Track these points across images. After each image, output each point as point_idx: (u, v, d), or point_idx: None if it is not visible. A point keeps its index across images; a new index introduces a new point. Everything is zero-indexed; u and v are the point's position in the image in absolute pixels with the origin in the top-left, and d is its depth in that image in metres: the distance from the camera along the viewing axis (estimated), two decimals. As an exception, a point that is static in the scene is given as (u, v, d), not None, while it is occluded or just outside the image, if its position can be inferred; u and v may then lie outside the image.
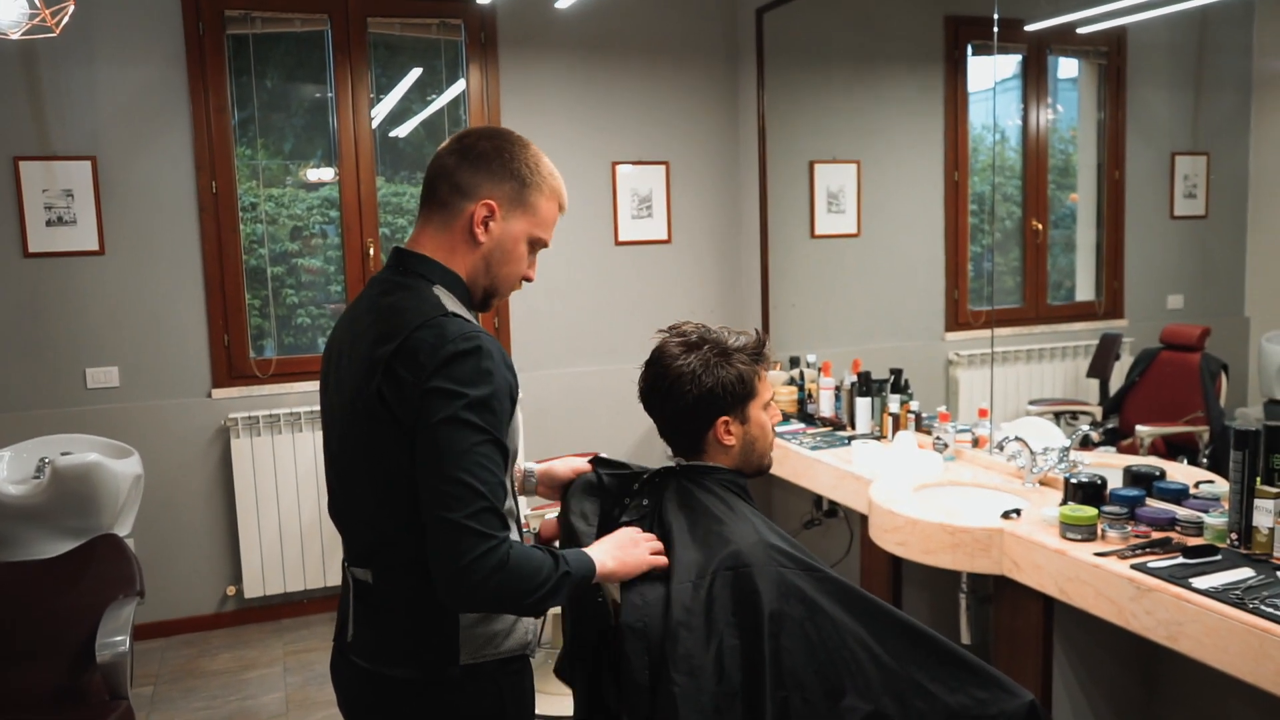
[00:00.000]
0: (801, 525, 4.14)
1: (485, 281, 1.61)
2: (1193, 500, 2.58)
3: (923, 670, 1.58)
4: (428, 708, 1.55)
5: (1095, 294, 4.03)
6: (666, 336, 1.78)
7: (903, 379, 3.86)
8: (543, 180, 1.61)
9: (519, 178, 1.58)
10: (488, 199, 1.56)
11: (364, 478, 1.54)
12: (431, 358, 1.42)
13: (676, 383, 1.72)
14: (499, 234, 1.58)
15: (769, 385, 1.80)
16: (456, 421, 1.41)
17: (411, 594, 1.53)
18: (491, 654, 1.56)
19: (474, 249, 1.58)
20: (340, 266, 4.52)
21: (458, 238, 1.57)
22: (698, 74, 4.94)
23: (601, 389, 4.80)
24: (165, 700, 3.72)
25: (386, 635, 1.56)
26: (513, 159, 1.58)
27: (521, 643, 1.60)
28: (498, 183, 1.57)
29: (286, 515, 4.36)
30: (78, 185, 4.02)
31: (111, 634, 2.75)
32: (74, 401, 4.10)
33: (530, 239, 1.61)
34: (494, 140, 1.60)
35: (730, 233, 5.08)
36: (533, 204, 1.59)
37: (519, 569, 1.43)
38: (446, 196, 1.57)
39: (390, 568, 1.55)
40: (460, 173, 1.57)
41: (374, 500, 1.54)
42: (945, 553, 2.70)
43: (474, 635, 1.54)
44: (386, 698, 1.57)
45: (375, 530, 1.55)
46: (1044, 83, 4.20)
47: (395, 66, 4.59)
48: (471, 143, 1.59)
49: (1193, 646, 2.09)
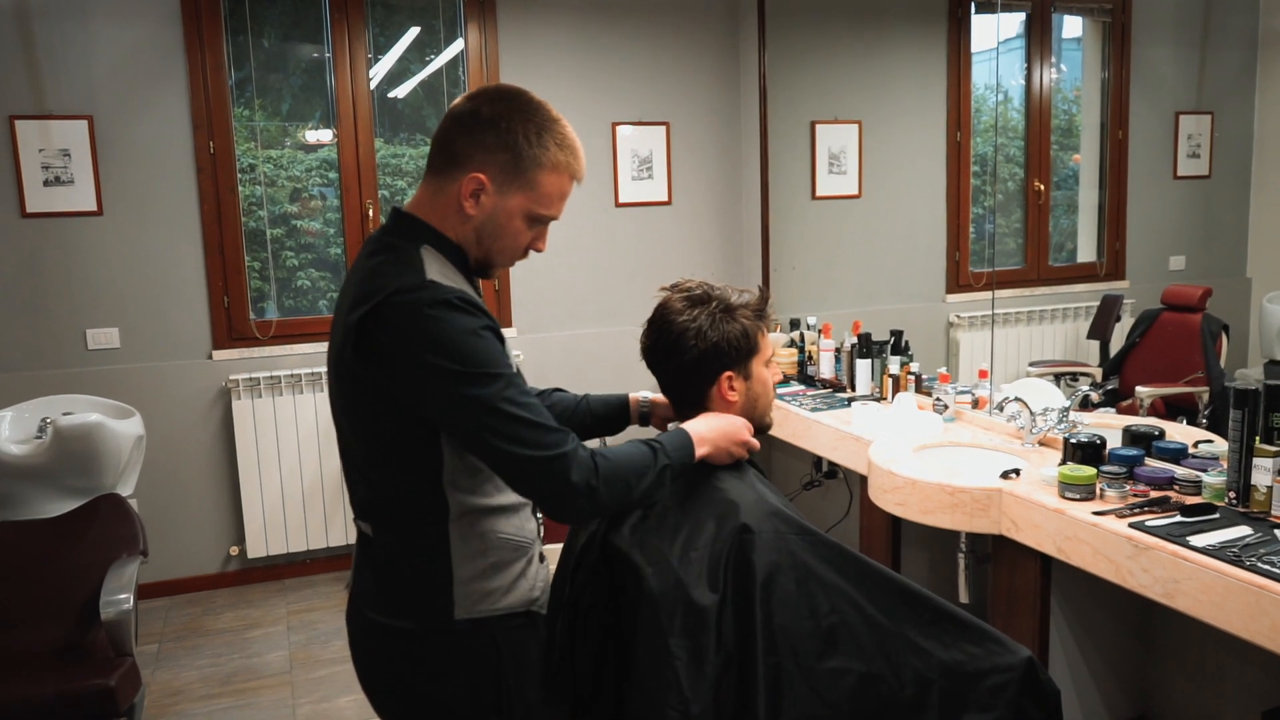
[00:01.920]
0: (801, 486, 4.16)
1: (478, 253, 1.56)
2: (1191, 460, 2.59)
3: (916, 629, 1.58)
4: (425, 658, 1.56)
5: (1097, 255, 4.02)
6: (670, 293, 1.77)
7: (903, 341, 3.86)
8: (545, 153, 1.51)
9: (515, 150, 1.49)
10: (478, 172, 1.49)
11: (352, 434, 1.57)
12: (409, 327, 1.40)
13: (681, 338, 1.71)
14: (490, 208, 1.51)
15: (770, 343, 1.80)
16: (462, 380, 1.40)
17: (407, 547, 1.55)
18: (488, 610, 1.56)
19: (465, 221, 1.52)
20: (340, 229, 4.50)
21: (450, 206, 1.52)
22: (698, 32, 4.89)
23: (601, 351, 4.80)
24: (170, 658, 3.76)
25: (385, 586, 1.59)
26: (511, 130, 1.49)
27: (524, 599, 1.61)
28: (491, 154, 1.49)
29: (288, 476, 4.38)
30: (75, 145, 3.99)
31: (115, 592, 2.77)
32: (75, 362, 4.10)
33: (528, 214, 1.54)
34: (498, 105, 1.51)
35: (731, 194, 5.05)
36: (531, 179, 1.51)
37: (611, 468, 1.47)
38: (442, 164, 1.52)
39: (386, 520, 1.57)
40: (457, 140, 1.50)
41: (364, 456, 1.56)
42: (944, 513, 2.71)
43: (469, 591, 1.55)
44: (386, 647, 1.59)
45: (369, 484, 1.58)
46: (1048, 42, 4.16)
47: (393, 26, 4.54)
48: (475, 106, 1.51)
49: (1190, 604, 2.10)
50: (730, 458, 1.69)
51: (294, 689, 3.50)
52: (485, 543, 1.55)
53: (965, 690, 1.56)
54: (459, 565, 1.54)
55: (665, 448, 1.57)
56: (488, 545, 1.56)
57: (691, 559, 1.59)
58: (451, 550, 1.53)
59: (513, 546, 1.59)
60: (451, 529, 1.53)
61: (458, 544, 1.54)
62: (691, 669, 1.52)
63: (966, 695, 1.56)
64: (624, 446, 1.54)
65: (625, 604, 1.64)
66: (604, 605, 1.69)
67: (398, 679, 1.60)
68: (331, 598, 4.28)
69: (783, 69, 4.72)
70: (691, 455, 1.61)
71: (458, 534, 1.53)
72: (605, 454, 1.49)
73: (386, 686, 1.63)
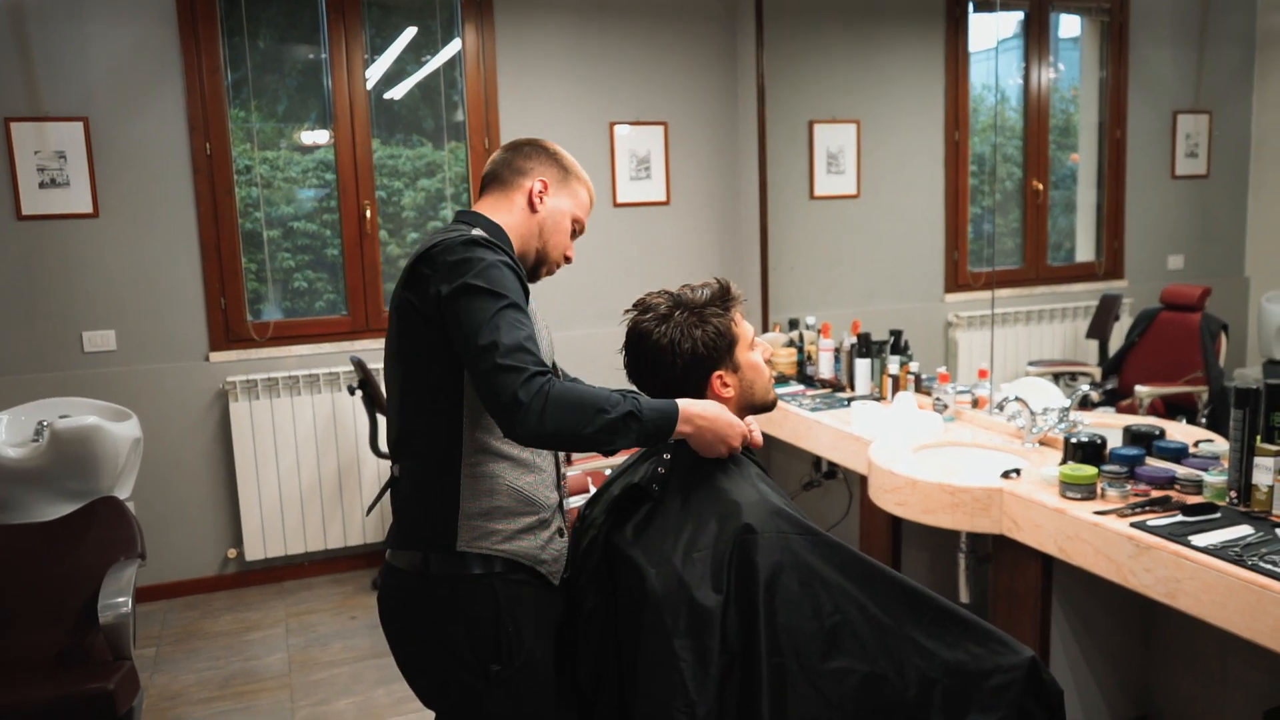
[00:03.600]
0: (801, 487, 4.15)
1: (538, 244, 1.85)
2: (1192, 459, 2.59)
3: (919, 629, 1.58)
4: (429, 601, 1.69)
5: (1095, 255, 4.02)
6: (635, 315, 1.78)
7: (902, 340, 3.86)
8: (578, 175, 1.92)
9: (563, 166, 1.89)
10: (542, 177, 1.85)
11: (394, 371, 1.74)
12: (445, 257, 1.63)
13: (660, 357, 1.73)
14: (551, 207, 1.86)
15: (747, 325, 1.80)
16: (473, 290, 1.58)
17: (423, 481, 1.71)
18: (488, 549, 1.67)
19: (531, 216, 1.84)
20: (337, 230, 4.49)
21: (518, 205, 1.83)
22: (696, 32, 4.88)
23: (599, 352, 4.78)
24: (168, 661, 3.74)
25: (401, 519, 1.76)
26: (555, 155, 1.90)
27: (527, 554, 1.70)
28: (547, 167, 1.87)
29: (286, 478, 4.37)
30: (70, 147, 3.98)
31: (113, 595, 2.76)
32: (71, 365, 4.09)
33: (573, 218, 1.89)
34: (538, 144, 1.91)
35: (729, 194, 5.05)
36: (574, 189, 1.90)
37: (565, 395, 1.55)
38: (508, 176, 1.85)
39: (410, 458, 1.74)
40: (518, 160, 1.87)
41: (399, 390, 1.74)
42: (945, 513, 2.70)
43: (471, 525, 1.67)
44: (395, 591, 1.75)
45: (401, 419, 1.75)
46: (1046, 41, 4.16)
47: (389, 26, 4.53)
48: (520, 144, 1.90)
49: (1191, 603, 2.10)
50: (713, 451, 1.69)
51: (293, 692, 3.49)
52: (493, 484, 1.69)
53: (969, 690, 1.56)
54: (466, 500, 1.68)
55: (640, 401, 1.61)
56: (495, 488, 1.69)
57: (695, 560, 1.59)
58: (461, 485, 1.68)
59: (521, 499, 1.70)
60: (464, 465, 1.68)
61: (467, 481, 1.68)
62: (697, 670, 1.52)
63: (970, 695, 1.56)
64: (594, 387, 1.62)
65: (628, 605, 1.64)
66: (606, 607, 1.69)
67: (409, 624, 1.73)
68: (330, 600, 4.27)
69: (781, 68, 4.71)
70: (670, 423, 1.63)
71: (468, 471, 1.68)
72: (568, 384, 1.58)
73: (400, 632, 1.76)
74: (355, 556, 4.59)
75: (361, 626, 3.98)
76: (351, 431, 4.44)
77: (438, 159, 4.67)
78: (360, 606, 4.18)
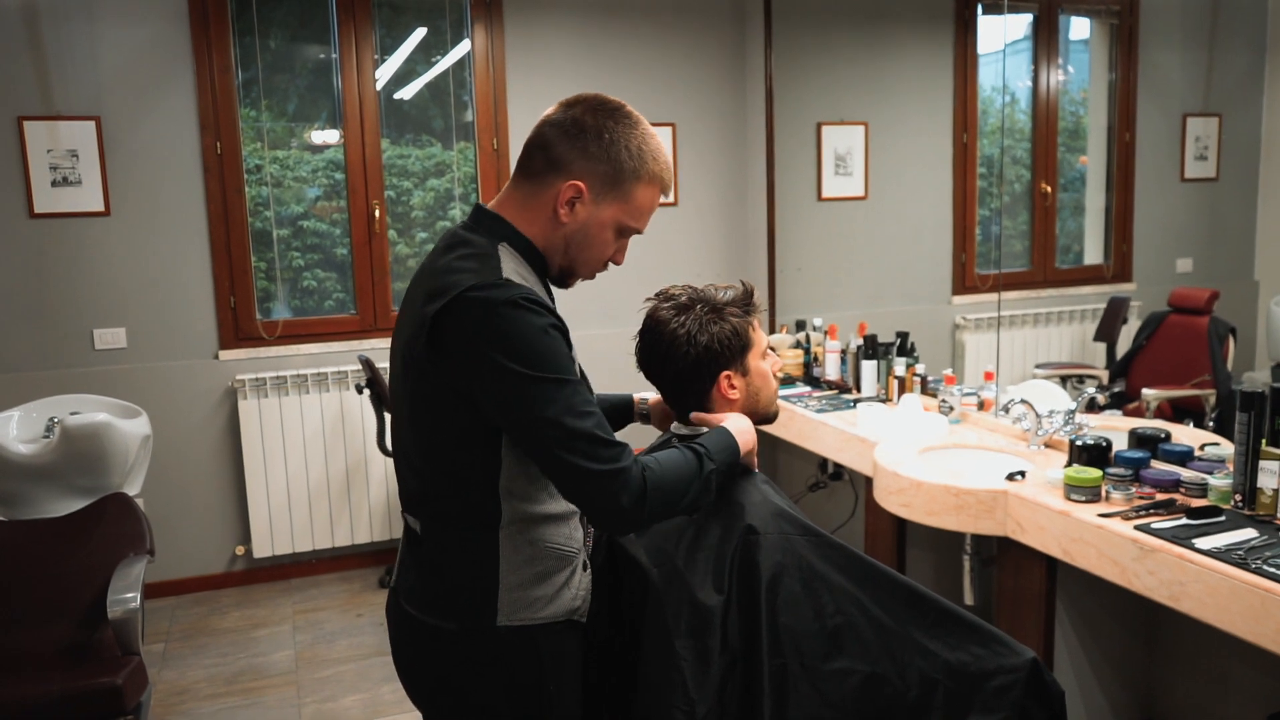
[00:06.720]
0: (806, 488, 4.16)
1: (563, 261, 1.56)
2: (1198, 462, 2.58)
3: (921, 630, 1.58)
4: (464, 660, 1.54)
5: (1104, 257, 4.01)
6: (656, 303, 1.78)
7: (909, 342, 3.86)
8: (643, 166, 1.51)
9: (617, 163, 1.50)
10: (578, 180, 1.49)
11: (411, 426, 1.53)
12: (481, 322, 1.38)
13: (673, 346, 1.71)
14: (584, 218, 1.52)
15: (763, 335, 1.79)
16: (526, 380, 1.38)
17: (456, 549, 1.52)
18: (530, 618, 1.52)
19: (557, 228, 1.52)
20: (346, 229, 4.51)
21: (542, 212, 1.52)
22: (704, 34, 4.89)
23: (605, 352, 4.79)
24: (176, 657, 3.77)
25: (429, 586, 1.56)
26: (614, 142, 1.50)
27: (567, 609, 1.56)
28: (592, 163, 1.49)
29: (295, 477, 4.39)
30: (82, 145, 4.01)
31: (122, 590, 2.78)
32: (82, 362, 4.12)
33: (619, 226, 1.55)
34: (600, 115, 1.52)
35: (737, 195, 5.05)
36: (628, 191, 1.52)
37: (660, 484, 1.43)
38: (540, 168, 1.51)
39: (435, 519, 1.54)
40: (558, 146, 1.50)
41: (418, 450, 1.53)
42: (949, 514, 2.70)
43: (514, 598, 1.51)
44: (426, 645, 1.57)
45: (421, 479, 1.54)
46: (1055, 44, 4.15)
47: (399, 27, 4.55)
48: (577, 115, 1.51)
49: (1195, 606, 2.10)
50: (746, 463, 1.69)
51: (300, 688, 3.51)
52: (535, 550, 1.52)
53: (970, 691, 1.57)
54: (506, 572, 1.51)
55: (709, 451, 1.53)
56: (536, 554, 1.52)
57: (697, 560, 1.59)
58: (500, 556, 1.50)
59: (559, 556, 1.55)
60: (502, 535, 1.50)
61: (507, 550, 1.51)
62: (697, 669, 1.52)
63: (971, 696, 1.56)
64: (671, 454, 1.50)
65: (631, 604, 1.64)
66: (609, 606, 1.69)
67: (437, 674, 1.59)
68: (337, 598, 4.29)
69: (789, 70, 4.72)
70: (736, 454, 1.60)
71: (508, 540, 1.50)
72: (654, 467, 1.45)
73: (425, 681, 1.62)
74: (363, 554, 4.60)
75: (368, 624, 4.00)
76: (359, 430, 4.46)
77: (447, 159, 4.69)
78: (367, 604, 4.19)
